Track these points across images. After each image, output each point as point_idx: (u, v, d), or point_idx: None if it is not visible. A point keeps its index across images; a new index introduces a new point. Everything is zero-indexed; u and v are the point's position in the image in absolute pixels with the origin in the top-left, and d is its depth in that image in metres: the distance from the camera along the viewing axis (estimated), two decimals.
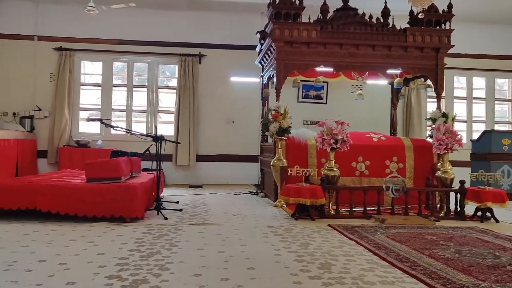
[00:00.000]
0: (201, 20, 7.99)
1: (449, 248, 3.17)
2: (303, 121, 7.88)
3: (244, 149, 7.93)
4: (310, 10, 6.02)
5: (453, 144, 4.62)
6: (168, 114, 8.24)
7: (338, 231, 3.73)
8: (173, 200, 5.34)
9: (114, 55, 7.84)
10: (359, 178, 5.37)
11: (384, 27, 5.59)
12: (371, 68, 5.83)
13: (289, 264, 2.66)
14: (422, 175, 5.28)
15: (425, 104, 8.23)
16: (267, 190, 6.23)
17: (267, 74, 6.49)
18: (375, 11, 5.78)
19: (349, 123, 4.65)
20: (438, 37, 5.53)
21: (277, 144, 5.27)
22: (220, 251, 2.95)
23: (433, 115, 5.27)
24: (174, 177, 7.77)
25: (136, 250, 2.90)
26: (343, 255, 2.92)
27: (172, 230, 3.60)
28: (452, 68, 7.81)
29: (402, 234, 3.66)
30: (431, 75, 5.64)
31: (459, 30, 6.57)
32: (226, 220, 4.18)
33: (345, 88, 8.00)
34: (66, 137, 7.44)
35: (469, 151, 6.99)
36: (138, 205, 3.95)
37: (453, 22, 5.74)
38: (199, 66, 7.94)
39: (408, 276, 2.46)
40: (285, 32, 5.42)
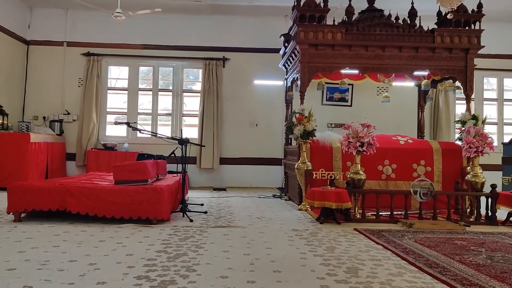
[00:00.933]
0: (224, 24, 8.07)
1: (480, 254, 3.07)
2: (328, 123, 7.82)
3: (267, 152, 7.94)
4: (334, 12, 5.99)
5: (484, 147, 4.49)
6: (192, 118, 8.36)
7: (365, 235, 3.67)
8: (198, 203, 5.39)
9: (140, 60, 8.01)
10: (385, 181, 5.28)
11: (411, 28, 5.49)
12: (398, 70, 5.73)
13: (315, 268, 2.63)
14: (451, 179, 5.14)
15: (454, 106, 8.03)
16: (291, 193, 6.20)
17: (291, 77, 6.48)
18: (402, 12, 5.69)
19: (375, 125, 4.58)
20: (467, 37, 5.39)
21: (302, 147, 5.24)
22: (245, 253, 2.96)
23: (462, 117, 5.13)
24: (198, 180, 7.85)
25: (163, 251, 2.94)
26: (370, 259, 2.88)
27: (198, 232, 3.63)
28: (482, 69, 7.59)
29: (431, 239, 3.57)
30: (460, 77, 5.50)
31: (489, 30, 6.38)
32: (250, 223, 4.19)
33: (371, 91, 7.90)
34: (94, 140, 7.64)
35: (501, 154, 6.75)
36: (164, 207, 4.00)
37: (483, 22, 5.58)
38: (223, 69, 8.01)
39: (438, 282, 2.40)
40: (309, 35, 5.41)
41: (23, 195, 3.90)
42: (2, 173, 6.25)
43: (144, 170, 4.15)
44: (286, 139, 7.13)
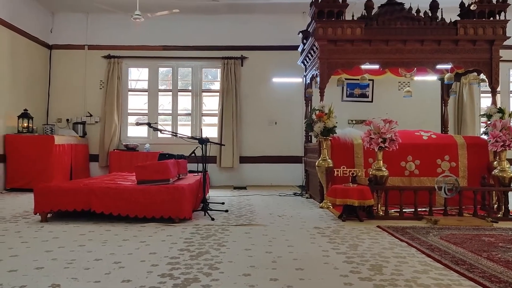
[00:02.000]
0: (242, 22, 8.08)
1: (509, 250, 2.99)
2: (348, 120, 7.74)
3: (287, 150, 7.91)
4: (353, 7, 5.90)
5: (511, 141, 4.34)
6: (211, 117, 8.41)
7: (388, 233, 3.62)
8: (219, 201, 5.42)
9: (159, 61, 8.11)
10: (408, 178, 5.17)
11: (432, 21, 5.37)
12: (420, 64, 5.61)
13: (338, 266, 2.61)
14: (476, 174, 5.00)
15: (478, 99, 7.79)
16: (312, 191, 6.16)
17: (310, 74, 6.43)
18: (423, 5, 5.56)
19: (397, 121, 4.50)
20: (492, 28, 5.22)
21: (322, 145, 5.20)
22: (267, 251, 2.96)
23: (488, 111, 4.98)
24: (219, 179, 7.89)
25: (186, 249, 2.97)
26: (394, 256, 2.83)
27: (220, 231, 3.65)
28: (508, 61, 7.36)
29: (457, 235, 3.48)
30: (485, 69, 5.34)
31: None
32: (272, 221, 4.18)
33: (392, 86, 7.77)
34: (116, 141, 7.78)
35: None
36: (186, 206, 4.04)
37: (508, 11, 5.40)
38: (241, 68, 8.02)
39: (466, 279, 2.34)
40: (328, 31, 5.35)
41: (49, 196, 4.01)
42: (28, 175, 6.43)
43: (165, 170, 4.20)
44: (306, 137, 7.08)
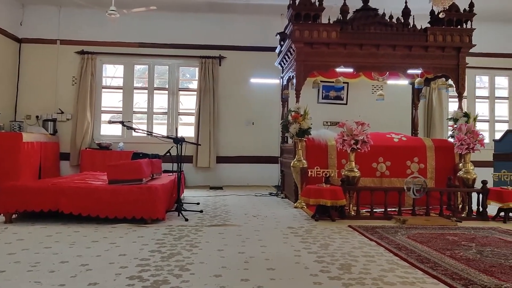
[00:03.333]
0: (221, 22, 8.07)
1: (470, 248, 3.13)
2: (323, 122, 7.86)
3: (264, 151, 7.96)
4: (329, 11, 6.01)
5: (475, 144, 4.54)
6: (188, 116, 8.37)
7: (359, 232, 3.71)
8: (194, 202, 5.41)
9: (135, 58, 8.00)
10: (379, 178, 5.32)
11: (404, 27, 5.54)
12: (392, 68, 5.78)
13: (309, 265, 2.66)
14: (443, 175, 5.20)
15: (447, 104, 8.10)
16: (288, 191, 6.23)
17: (287, 75, 6.50)
18: (396, 11, 5.72)
19: (369, 123, 4.62)
20: (459, 36, 5.44)
21: (297, 145, 5.27)
22: (240, 252, 2.98)
23: (454, 115, 5.18)
24: (195, 179, 7.86)
25: (157, 251, 2.96)
26: (363, 256, 2.91)
27: (193, 231, 3.65)
28: (474, 67, 7.68)
29: (423, 234, 3.62)
30: (452, 75, 5.55)
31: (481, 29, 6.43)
32: (246, 221, 4.21)
33: (366, 89, 7.94)
34: (88, 140, 7.62)
35: (492, 151, 6.82)
36: (159, 207, 4.01)
37: (474, 21, 5.63)
38: (219, 68, 8.01)
39: (429, 277, 2.44)
40: (305, 33, 5.43)
41: (14, 196, 3.88)
42: None
43: (138, 170, 4.16)
44: (282, 137, 7.16)
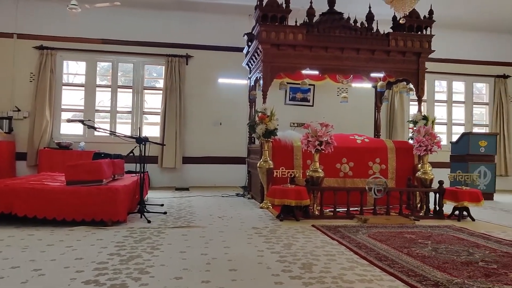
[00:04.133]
0: (188, 20, 7.97)
1: (426, 246, 3.24)
2: (291, 123, 7.92)
3: (231, 151, 7.94)
4: (296, 13, 6.08)
5: (432, 146, 4.73)
6: (154, 116, 8.21)
7: (322, 231, 3.77)
8: (158, 203, 5.31)
9: (98, 55, 7.75)
10: (343, 179, 5.43)
11: (368, 32, 5.68)
12: (355, 72, 5.91)
13: (271, 265, 2.67)
14: (403, 176, 5.37)
15: (408, 107, 8.38)
16: (254, 191, 6.24)
17: (254, 76, 6.51)
18: (360, 16, 5.86)
19: (333, 125, 4.70)
20: (419, 42, 5.64)
21: (264, 146, 5.29)
22: (203, 253, 2.95)
23: (414, 117, 5.38)
24: (160, 180, 7.72)
25: (116, 254, 2.87)
26: (324, 255, 2.95)
27: (155, 233, 3.57)
28: (434, 72, 8.00)
29: (383, 233, 3.72)
30: (412, 79, 5.75)
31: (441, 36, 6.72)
32: (211, 222, 4.17)
33: (332, 91, 8.08)
34: (47, 139, 7.30)
35: (449, 153, 7.15)
36: (120, 208, 3.91)
37: (435, 28, 5.86)
38: (186, 67, 7.92)
39: (386, 274, 2.50)
40: (271, 35, 5.45)
41: None
42: None
43: (98, 170, 4.02)
44: (249, 138, 7.16)
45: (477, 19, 7.98)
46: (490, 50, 8.75)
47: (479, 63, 8.71)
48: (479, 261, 2.80)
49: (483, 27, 8.40)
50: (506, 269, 2.61)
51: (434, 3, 5.77)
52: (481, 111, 9.23)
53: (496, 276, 2.45)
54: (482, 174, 6.73)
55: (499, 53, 8.78)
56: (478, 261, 2.79)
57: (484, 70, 8.73)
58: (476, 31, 8.57)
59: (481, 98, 9.09)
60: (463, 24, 8.24)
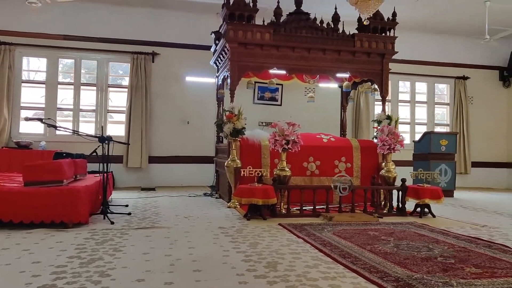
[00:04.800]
0: (155, 17, 7.83)
1: (389, 242, 3.32)
2: (259, 122, 7.88)
3: (199, 150, 7.86)
4: (264, 13, 6.09)
5: (396, 145, 4.86)
6: (119, 114, 8.01)
7: (288, 230, 3.79)
8: (122, 204, 5.18)
9: (60, 51, 7.47)
10: (310, 177, 5.49)
11: (334, 32, 5.76)
12: (322, 72, 5.99)
13: (236, 265, 2.66)
14: (368, 174, 5.50)
15: (373, 107, 8.58)
16: (222, 191, 6.21)
17: (222, 75, 6.47)
18: (326, 17, 5.94)
19: (300, 124, 4.74)
20: (383, 43, 5.77)
21: (231, 145, 5.27)
22: (167, 254, 2.89)
23: (378, 117, 5.52)
24: (125, 180, 7.54)
25: (76, 256, 2.77)
26: (290, 253, 2.97)
27: (118, 235, 3.48)
28: (398, 73, 8.25)
29: (348, 230, 3.79)
30: (377, 80, 5.88)
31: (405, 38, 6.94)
32: (176, 223, 4.11)
33: (299, 91, 8.15)
34: (5, 138, 6.97)
35: (412, 151, 7.39)
36: (82, 210, 3.78)
37: (399, 30, 6.03)
38: (153, 64, 7.77)
39: (349, 271, 2.54)
40: (239, 34, 5.43)
41: None
42: None
43: (58, 170, 3.87)
44: (217, 137, 7.11)
45: (438, 22, 8.29)
46: (450, 53, 9.10)
47: (441, 65, 9.04)
48: (438, 256, 2.89)
49: (444, 30, 8.74)
50: (463, 263, 2.71)
51: (398, 6, 5.93)
52: (443, 111, 9.60)
53: (453, 271, 2.53)
54: (443, 172, 6.98)
55: (459, 56, 9.14)
56: (437, 257, 2.87)
57: (445, 72, 9.07)
58: (437, 33, 8.89)
59: (442, 98, 9.44)
60: (425, 27, 8.54)
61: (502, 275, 2.46)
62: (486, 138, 9.21)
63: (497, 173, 9.22)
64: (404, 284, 2.27)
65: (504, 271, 2.55)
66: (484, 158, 9.17)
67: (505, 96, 9.42)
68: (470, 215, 5.02)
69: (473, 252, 3.04)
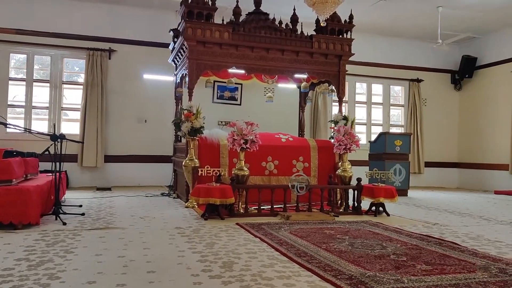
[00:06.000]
0: (112, 13, 7.63)
1: (344, 241, 3.39)
2: (219, 121, 7.87)
3: (157, 149, 7.73)
4: (224, 12, 6.09)
5: (351, 145, 5.01)
6: (74, 112, 7.73)
7: (245, 229, 3.81)
8: (76, 204, 5.01)
9: (12, 46, 7.13)
10: (268, 177, 5.56)
11: (292, 33, 5.84)
12: (280, 72, 6.06)
13: (191, 265, 2.65)
14: (325, 173, 5.62)
15: (331, 107, 8.78)
16: (180, 191, 6.14)
17: (180, 73, 6.40)
18: (285, 17, 6.02)
19: (258, 124, 4.78)
20: (340, 45, 5.93)
21: (189, 144, 5.23)
22: (120, 255, 2.84)
23: (335, 118, 5.67)
24: (80, 179, 7.29)
25: (24, 259, 2.66)
26: (246, 252, 2.99)
27: (70, 236, 3.37)
28: (355, 74, 8.51)
29: (304, 229, 3.85)
30: (334, 81, 6.03)
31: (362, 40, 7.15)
32: (132, 224, 4.03)
33: (259, 90, 8.21)
34: None
35: (368, 151, 7.65)
36: (32, 210, 3.63)
37: (356, 33, 6.20)
38: (109, 61, 7.56)
39: (305, 270, 2.57)
40: (197, 32, 5.40)
41: None
42: None
43: (7, 169, 3.69)
44: (175, 136, 7.03)
45: (393, 26, 8.63)
46: (405, 56, 9.47)
47: (396, 67, 9.39)
48: (391, 254, 2.97)
49: (399, 33, 9.10)
50: (414, 261, 2.79)
51: (355, 9, 6.12)
52: (398, 113, 9.98)
53: (405, 268, 2.61)
54: (397, 171, 7.23)
55: (413, 58, 9.53)
56: (390, 254, 2.95)
57: (400, 74, 9.44)
58: (393, 37, 9.25)
59: (397, 100, 9.83)
60: (381, 30, 8.87)
61: (451, 272, 2.56)
62: (438, 139, 9.65)
63: (449, 173, 9.71)
64: (357, 282, 2.31)
65: (452, 267, 2.66)
66: (436, 158, 9.62)
67: (457, 99, 9.91)
68: (423, 213, 5.19)
69: (425, 249, 3.12)
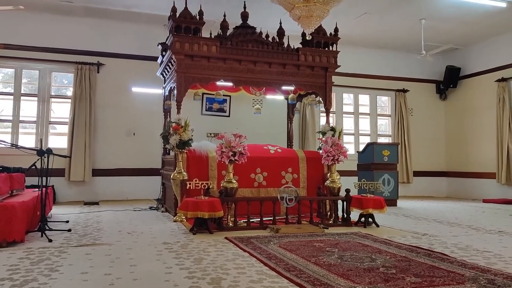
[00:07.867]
0: (100, 28, 7.65)
1: (333, 254, 3.35)
2: (207, 133, 7.89)
3: (145, 163, 7.69)
4: (212, 26, 6.14)
5: (339, 156, 5.04)
6: (62, 126, 7.67)
7: (234, 244, 3.78)
8: (63, 220, 4.94)
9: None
10: (257, 189, 5.55)
11: (279, 46, 5.91)
12: (268, 84, 6.10)
13: (178, 282, 2.62)
14: (314, 184, 5.61)
15: (319, 118, 8.82)
16: (168, 204, 6.10)
17: (169, 86, 6.41)
18: (272, 31, 6.10)
19: (246, 136, 4.78)
20: (326, 57, 6.01)
21: (178, 157, 5.21)
22: (106, 273, 2.80)
23: (322, 129, 5.70)
24: (67, 194, 7.21)
25: (7, 279, 2.60)
26: (235, 268, 2.96)
27: (56, 254, 3.32)
28: (342, 86, 8.59)
29: (294, 242, 3.81)
30: (320, 92, 6.09)
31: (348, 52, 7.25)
32: (119, 239, 3.98)
33: (247, 102, 8.25)
34: None
35: (356, 162, 7.68)
36: (17, 227, 3.57)
37: (343, 45, 6.29)
38: (98, 75, 7.56)
39: (293, 285, 2.54)
40: (185, 46, 5.43)
41: None
42: None
43: None
44: (164, 149, 7.00)
45: (379, 38, 8.78)
46: (391, 66, 9.62)
47: (382, 78, 9.54)
48: (380, 266, 2.94)
49: (385, 45, 9.25)
50: (404, 273, 2.77)
51: (340, 22, 6.21)
52: (385, 122, 10.09)
53: (394, 281, 2.59)
54: (386, 181, 7.24)
55: (399, 69, 9.69)
56: (379, 267, 2.92)
57: (386, 85, 9.58)
58: (378, 48, 9.39)
59: (384, 110, 9.95)
60: (367, 42, 9.01)
61: (440, 284, 2.55)
62: (426, 148, 9.75)
63: (438, 182, 9.79)
64: None
65: (441, 279, 2.65)
66: (425, 168, 9.70)
67: (442, 108, 10.07)
68: (412, 224, 5.19)
69: (414, 261, 3.10)
